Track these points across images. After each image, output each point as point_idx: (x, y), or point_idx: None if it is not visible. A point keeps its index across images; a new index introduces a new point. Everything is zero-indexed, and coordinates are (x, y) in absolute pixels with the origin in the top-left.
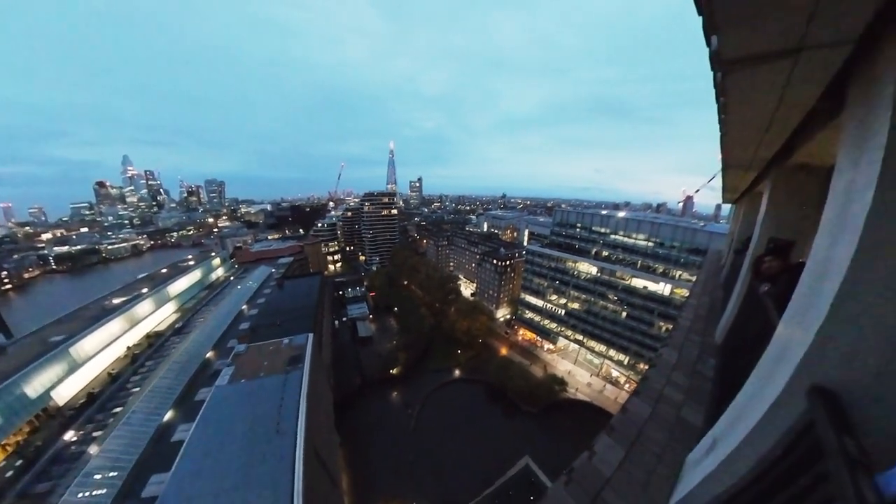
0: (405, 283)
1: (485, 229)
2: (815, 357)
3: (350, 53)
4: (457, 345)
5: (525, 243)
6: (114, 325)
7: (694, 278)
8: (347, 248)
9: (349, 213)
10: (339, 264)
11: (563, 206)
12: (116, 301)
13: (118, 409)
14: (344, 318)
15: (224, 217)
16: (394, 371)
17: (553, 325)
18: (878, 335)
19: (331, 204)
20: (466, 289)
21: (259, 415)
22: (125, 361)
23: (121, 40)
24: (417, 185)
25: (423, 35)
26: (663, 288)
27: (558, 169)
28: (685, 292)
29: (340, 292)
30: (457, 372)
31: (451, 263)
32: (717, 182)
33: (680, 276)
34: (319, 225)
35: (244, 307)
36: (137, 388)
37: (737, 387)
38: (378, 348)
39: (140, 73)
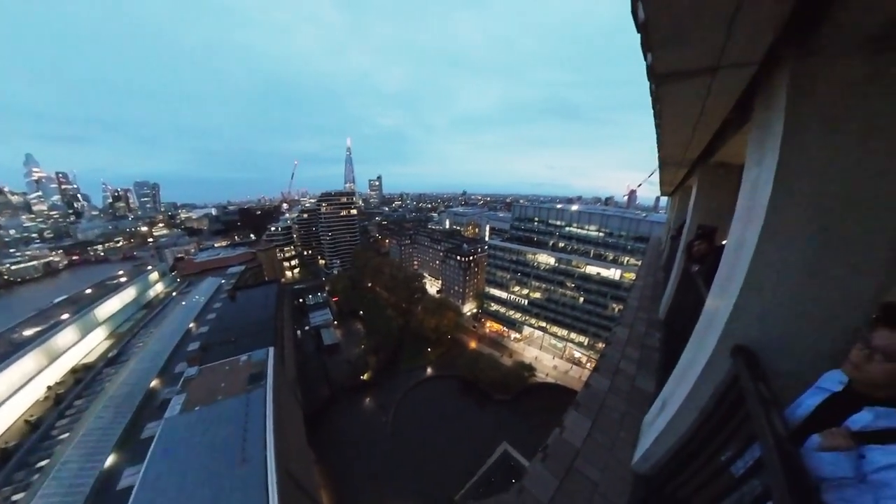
0: (369, 284)
1: (447, 226)
2: (735, 322)
3: (302, 44)
4: (426, 343)
5: (486, 238)
6: (27, 363)
7: (639, 263)
8: (305, 253)
9: (305, 215)
10: (297, 270)
11: (521, 201)
12: (28, 332)
13: (44, 463)
14: (307, 327)
15: (160, 224)
16: (364, 377)
17: (518, 315)
18: (779, 301)
19: (284, 206)
20: (432, 286)
21: (221, 443)
22: (47, 404)
23: (16, 12)
24: (377, 183)
25: (380, 29)
26: (614, 273)
27: (515, 166)
28: (632, 276)
29: (301, 300)
30: (429, 370)
31: (415, 262)
32: (656, 177)
33: (627, 261)
34: (273, 229)
35: (192, 325)
36: (67, 434)
37: (678, 354)
38: (346, 355)
39: (46, 53)
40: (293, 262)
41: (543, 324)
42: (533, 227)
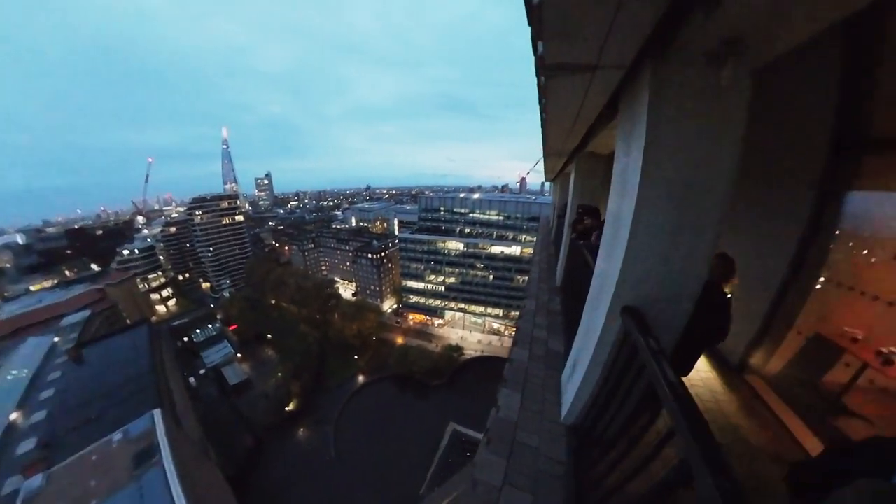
0: (273, 301)
1: (353, 224)
2: (622, 286)
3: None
4: (351, 351)
5: (396, 232)
6: None
7: (534, 239)
8: (181, 277)
9: (173, 229)
10: (172, 302)
11: (426, 192)
12: None
13: None
14: (202, 371)
15: None
16: (290, 407)
17: (437, 302)
18: (653, 266)
19: (140, 219)
20: (346, 290)
21: None
22: None
23: None
24: (266, 182)
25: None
26: (515, 250)
27: (418, 159)
28: (530, 250)
29: (186, 338)
30: (360, 378)
31: (324, 267)
32: (541, 166)
33: (525, 239)
34: (127, 253)
35: (15, 416)
36: None
37: (576, 314)
38: (261, 389)
39: None
40: (165, 293)
41: (462, 305)
42: (440, 216)
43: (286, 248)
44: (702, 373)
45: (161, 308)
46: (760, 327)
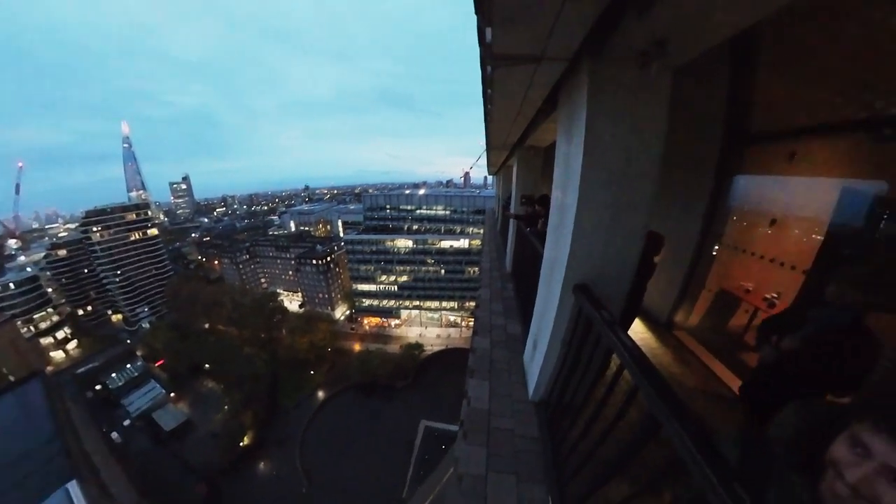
0: (206, 326)
1: (293, 229)
2: (571, 266)
3: None
4: (306, 366)
5: (341, 234)
6: None
7: (482, 231)
8: (82, 312)
9: (62, 252)
10: (73, 344)
11: (370, 191)
12: None
13: None
14: (127, 421)
15: None
16: (245, 441)
17: (392, 303)
18: (597, 246)
19: (12, 243)
20: (292, 302)
21: None
22: None
23: None
24: (184, 187)
25: None
26: (464, 243)
27: (359, 155)
28: (478, 242)
29: (99, 386)
30: (320, 394)
31: (263, 279)
32: (483, 160)
33: (472, 231)
34: None
35: None
36: None
37: (529, 296)
38: (207, 428)
39: None
40: (61, 334)
41: (417, 302)
42: (386, 214)
43: (216, 262)
44: (639, 333)
45: (58, 354)
46: (681, 289)
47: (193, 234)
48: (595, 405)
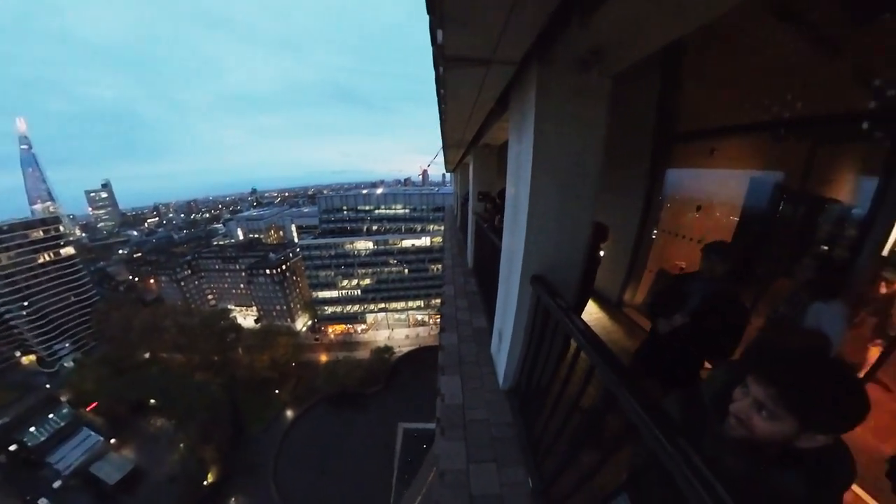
0: (146, 355)
1: (241, 237)
2: (527, 259)
3: None
4: (270, 386)
5: (296, 240)
6: None
7: (442, 228)
8: None
9: None
10: None
11: (324, 192)
12: None
13: None
14: (57, 483)
15: None
16: (209, 479)
17: (356, 308)
18: (550, 238)
19: None
20: (246, 317)
21: None
22: None
23: None
24: (105, 195)
25: None
26: (425, 241)
27: (311, 154)
28: (440, 239)
29: (14, 446)
30: (289, 413)
31: (211, 296)
32: (441, 158)
33: (433, 228)
34: None
35: None
36: None
37: (491, 290)
38: (161, 472)
39: None
40: None
41: (382, 305)
42: (344, 216)
43: (152, 281)
44: (593, 314)
45: None
46: (627, 271)
47: (121, 251)
48: (559, 386)
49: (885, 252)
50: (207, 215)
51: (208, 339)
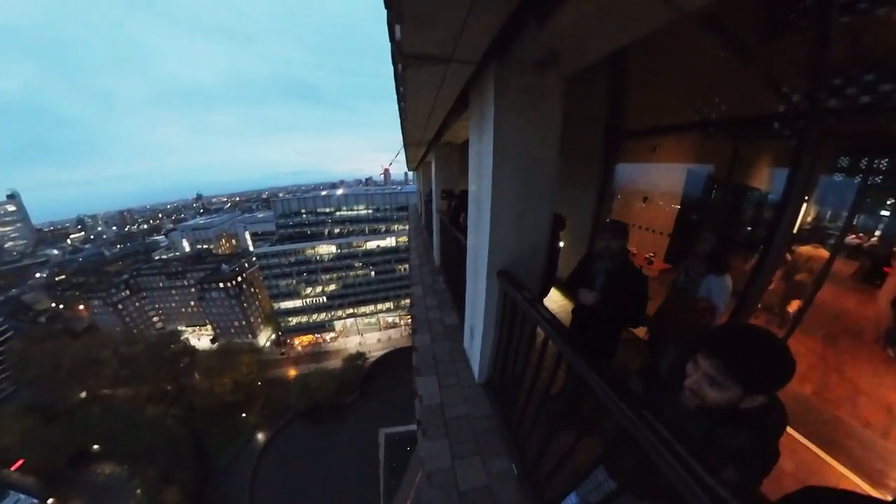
0: (82, 395)
1: (187, 249)
2: (493, 254)
3: None
4: (235, 410)
5: (251, 248)
6: None
7: (407, 227)
8: None
9: None
10: None
11: (280, 194)
12: None
13: None
14: None
15: None
16: None
17: (323, 316)
18: (512, 232)
19: None
20: (201, 338)
21: None
22: None
23: None
24: (12, 208)
25: None
26: (391, 241)
27: (264, 155)
28: (405, 239)
29: None
30: (260, 437)
31: (156, 317)
32: (402, 156)
33: (398, 228)
34: None
35: None
36: None
37: (459, 286)
38: None
39: None
40: None
41: (351, 310)
42: (303, 219)
43: (81, 306)
44: (557, 301)
45: None
46: None
47: (38, 274)
48: (532, 373)
49: (795, 230)
50: (145, 226)
51: (158, 366)
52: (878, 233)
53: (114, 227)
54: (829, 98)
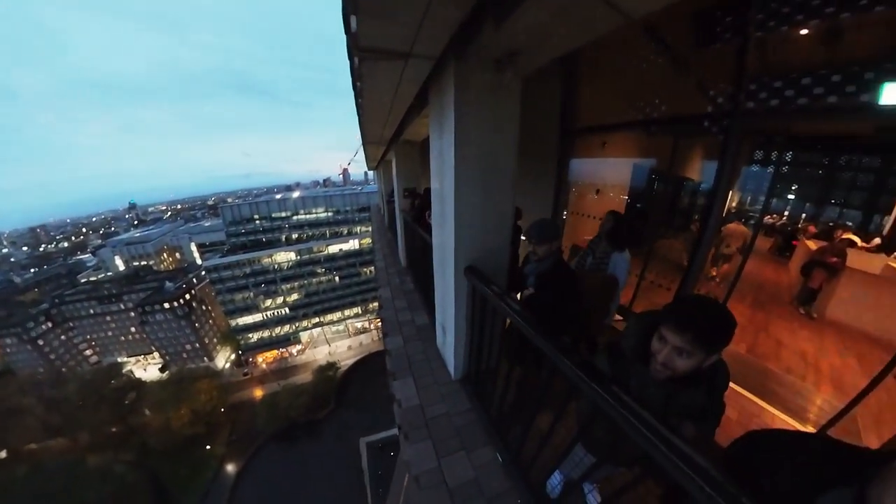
0: (2, 454)
1: (121, 267)
2: (459, 251)
3: None
4: (198, 443)
5: (199, 261)
6: None
7: (370, 229)
8: None
9: None
10: None
11: (229, 200)
12: None
13: None
14: None
15: None
16: None
17: (286, 328)
18: (477, 228)
19: None
20: (147, 367)
21: None
22: None
23: None
24: None
25: None
26: (353, 244)
27: (207, 157)
28: (369, 240)
29: None
30: (230, 468)
31: (89, 350)
32: (361, 155)
33: (360, 230)
34: None
35: None
36: None
37: (427, 285)
38: None
39: None
40: None
41: (316, 319)
42: (256, 226)
43: None
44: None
45: None
46: None
47: None
48: (506, 364)
49: (724, 213)
50: (66, 244)
51: (96, 407)
52: (786, 213)
53: (24, 248)
54: (747, 101)
